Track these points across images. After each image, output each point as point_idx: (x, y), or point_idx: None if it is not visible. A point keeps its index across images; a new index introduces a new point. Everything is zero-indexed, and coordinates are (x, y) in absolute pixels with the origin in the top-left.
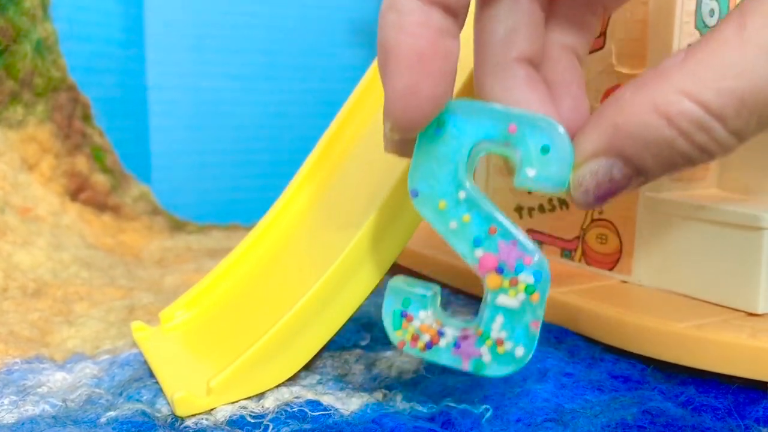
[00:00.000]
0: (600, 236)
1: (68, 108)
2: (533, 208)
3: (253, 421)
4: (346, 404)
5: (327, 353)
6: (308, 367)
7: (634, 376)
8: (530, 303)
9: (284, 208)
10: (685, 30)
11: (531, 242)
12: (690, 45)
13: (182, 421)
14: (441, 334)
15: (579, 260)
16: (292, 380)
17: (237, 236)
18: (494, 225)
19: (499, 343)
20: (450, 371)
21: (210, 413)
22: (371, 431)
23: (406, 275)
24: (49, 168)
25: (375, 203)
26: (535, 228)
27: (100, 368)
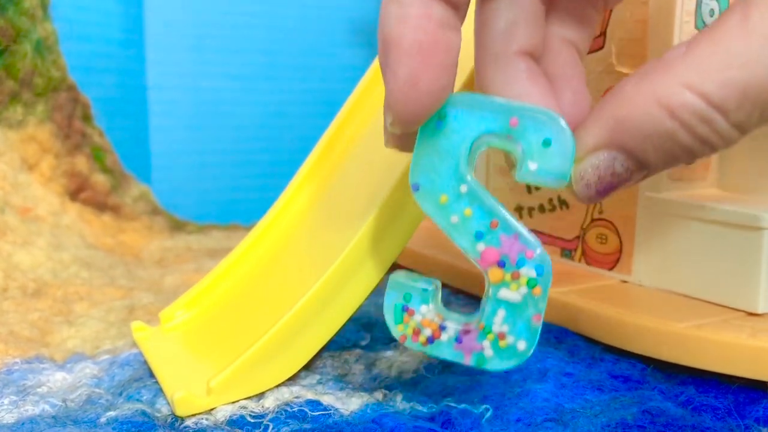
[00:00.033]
0: (600, 236)
1: (68, 108)
2: (533, 208)
3: (253, 421)
4: (346, 404)
5: (327, 353)
6: (308, 367)
7: (634, 376)
8: (532, 297)
9: (284, 208)
10: (685, 30)
11: (533, 236)
12: (693, 37)
13: (182, 421)
14: (443, 329)
15: (579, 260)
16: (292, 380)
17: (237, 236)
18: (496, 219)
19: (501, 337)
20: (450, 371)
21: (210, 413)
22: (371, 431)
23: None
24: (49, 168)
25: (375, 203)
26: (535, 228)
27: (100, 368)
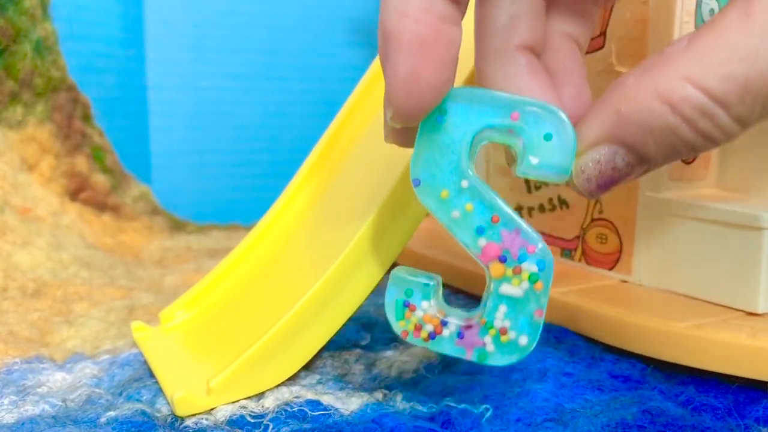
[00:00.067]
0: (600, 236)
1: (68, 108)
2: (533, 208)
3: (253, 421)
4: (346, 404)
5: (327, 353)
6: (308, 367)
7: (634, 376)
8: (534, 291)
9: (284, 208)
10: (685, 30)
11: (534, 231)
12: (694, 31)
13: (182, 421)
14: (444, 324)
15: (579, 260)
16: (292, 380)
17: (237, 236)
18: (497, 214)
19: (503, 333)
20: (450, 371)
21: (210, 413)
22: (371, 431)
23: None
24: (49, 168)
25: (375, 203)
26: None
27: (100, 368)
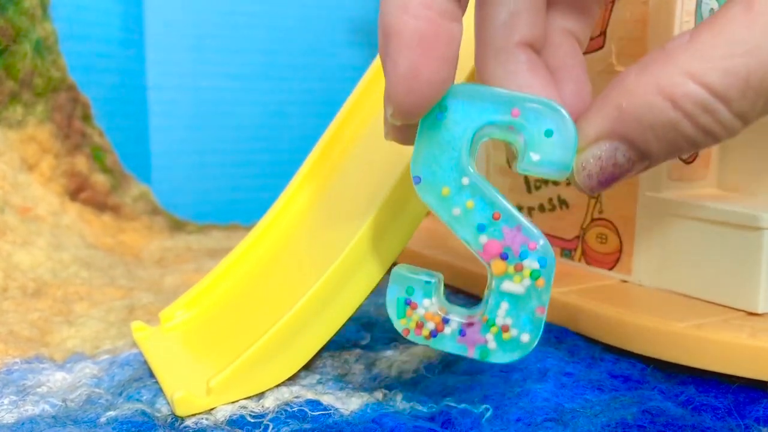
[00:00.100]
0: (600, 236)
1: (68, 108)
2: (533, 208)
3: (253, 421)
4: (346, 404)
5: (327, 353)
6: (308, 367)
7: (634, 376)
8: (535, 288)
9: (284, 208)
10: (685, 30)
11: (535, 227)
12: (696, 26)
13: (182, 421)
14: (446, 322)
15: (579, 260)
16: (292, 380)
17: (237, 236)
18: (498, 211)
19: (505, 330)
20: (450, 371)
21: (210, 413)
22: (371, 431)
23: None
24: (49, 168)
25: (375, 203)
26: None
27: (100, 368)
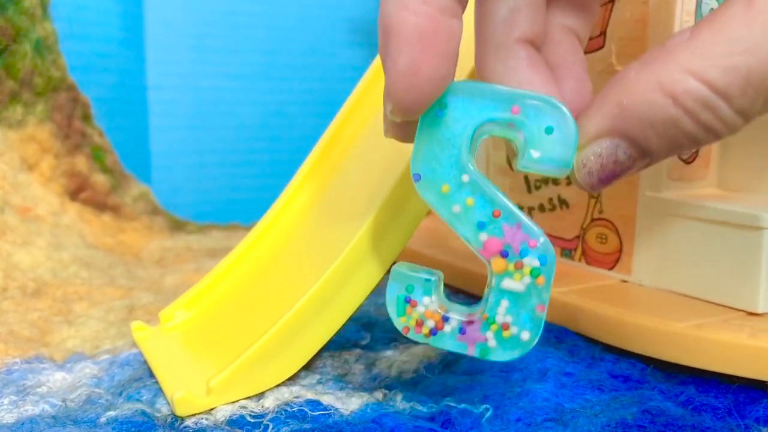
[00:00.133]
0: (600, 236)
1: (68, 108)
2: (533, 208)
3: (253, 421)
4: (346, 404)
5: (327, 353)
6: (308, 367)
7: (634, 376)
8: (536, 286)
9: (284, 208)
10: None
11: (535, 225)
12: (696, 23)
13: (182, 421)
14: (446, 320)
15: (579, 260)
16: (292, 380)
17: (237, 236)
18: (498, 208)
19: (505, 328)
20: (450, 371)
21: (210, 413)
22: (371, 431)
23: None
24: (49, 168)
25: (375, 203)
26: None
27: (100, 368)
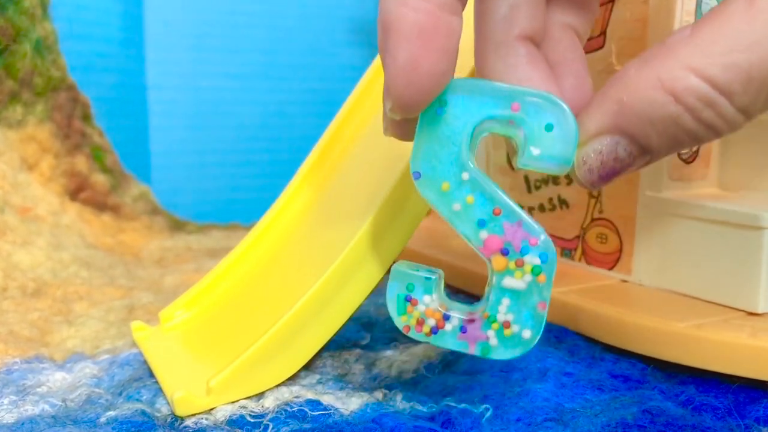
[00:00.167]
0: (600, 236)
1: (68, 108)
2: (533, 208)
3: (253, 421)
4: (346, 404)
5: (327, 353)
6: (308, 367)
7: (634, 376)
8: (537, 284)
9: (284, 208)
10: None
11: (536, 223)
12: (697, 20)
13: (182, 421)
14: (446, 318)
15: (579, 260)
16: (292, 380)
17: (237, 236)
18: (498, 206)
19: (506, 326)
20: (450, 371)
21: (210, 413)
22: (371, 431)
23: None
24: (49, 168)
25: (375, 203)
26: None
27: (100, 368)
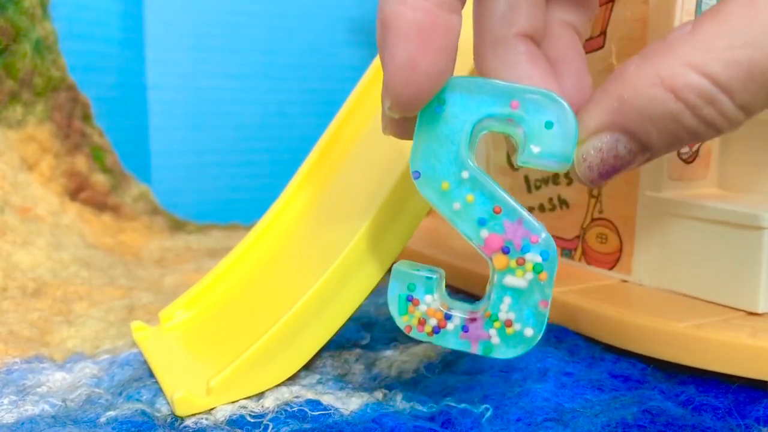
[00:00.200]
0: (600, 236)
1: (68, 108)
2: (533, 208)
3: (253, 421)
4: (346, 404)
5: (327, 353)
6: (308, 367)
7: (634, 376)
8: (538, 282)
9: (284, 208)
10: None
11: (537, 221)
12: (698, 17)
13: (182, 421)
14: (448, 318)
15: (579, 260)
16: (292, 380)
17: (237, 236)
18: (499, 204)
19: (508, 325)
20: (450, 371)
21: (210, 413)
22: (371, 431)
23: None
24: (49, 168)
25: (375, 203)
26: None
27: (100, 368)
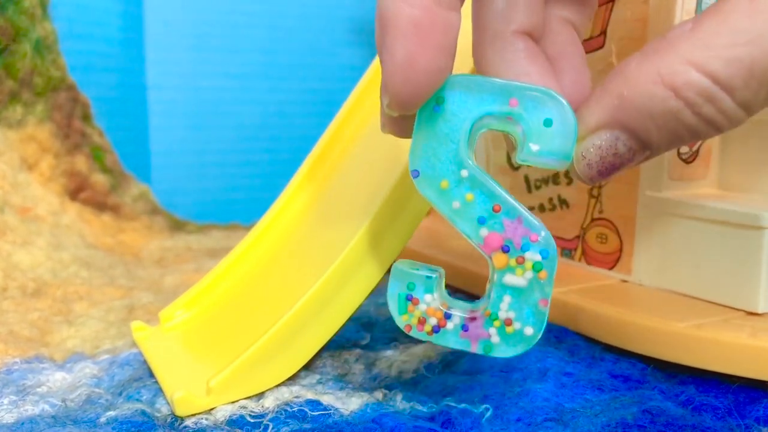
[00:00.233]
0: (600, 236)
1: (68, 107)
2: (533, 208)
3: (253, 421)
4: (346, 404)
5: (327, 353)
6: (308, 367)
7: (635, 376)
8: (538, 281)
9: (284, 208)
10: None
11: (536, 219)
12: (698, 15)
13: (182, 421)
14: (448, 317)
15: (579, 260)
16: (292, 380)
17: (237, 236)
18: (498, 203)
19: (508, 324)
20: (450, 371)
21: (210, 413)
22: (371, 431)
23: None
24: (49, 168)
25: (375, 203)
26: None
27: (100, 368)
